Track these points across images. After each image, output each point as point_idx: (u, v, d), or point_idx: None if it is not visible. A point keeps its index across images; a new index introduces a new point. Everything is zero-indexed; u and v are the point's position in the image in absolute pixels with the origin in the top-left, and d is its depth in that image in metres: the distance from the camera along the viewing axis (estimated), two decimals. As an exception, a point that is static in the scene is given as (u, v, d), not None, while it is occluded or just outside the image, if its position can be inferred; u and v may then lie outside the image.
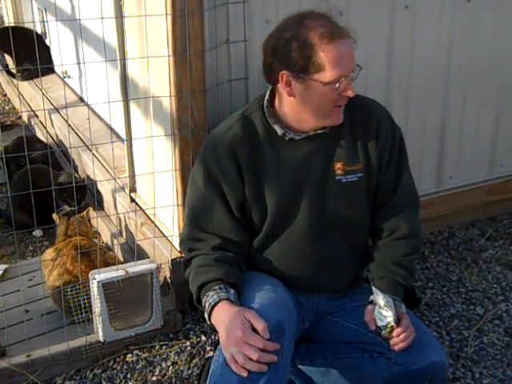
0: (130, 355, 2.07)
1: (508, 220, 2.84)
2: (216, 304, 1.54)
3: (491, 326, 2.21)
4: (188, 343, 2.11)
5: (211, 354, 1.99)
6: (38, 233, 2.77)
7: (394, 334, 1.61)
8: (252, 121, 1.68)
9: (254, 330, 1.46)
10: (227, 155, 1.65)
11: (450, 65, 2.49)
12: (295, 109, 1.62)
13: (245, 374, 1.44)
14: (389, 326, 1.61)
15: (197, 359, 2.04)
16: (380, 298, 1.63)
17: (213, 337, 2.12)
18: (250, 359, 1.44)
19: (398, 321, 1.61)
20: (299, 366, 1.84)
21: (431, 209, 2.58)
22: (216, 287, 1.56)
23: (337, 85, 1.55)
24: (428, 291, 2.38)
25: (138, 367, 2.03)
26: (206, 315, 1.58)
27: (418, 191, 1.82)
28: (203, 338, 2.13)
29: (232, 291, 1.57)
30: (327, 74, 1.53)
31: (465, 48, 2.49)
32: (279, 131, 1.66)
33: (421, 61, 2.41)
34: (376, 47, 2.29)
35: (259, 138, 1.66)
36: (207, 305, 1.56)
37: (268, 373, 1.45)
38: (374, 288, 1.67)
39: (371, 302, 1.67)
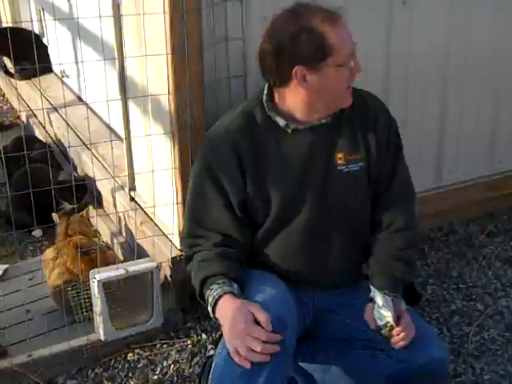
0: (131, 354, 2.08)
1: (507, 216, 2.84)
2: (220, 297, 1.54)
3: (492, 321, 2.21)
4: (189, 342, 2.11)
5: (212, 352, 1.99)
6: (37, 233, 2.77)
7: (394, 332, 1.61)
8: (253, 116, 1.67)
9: (257, 323, 1.46)
10: (229, 152, 1.64)
11: (448, 61, 2.49)
12: (307, 101, 1.61)
13: (248, 366, 1.45)
14: (388, 325, 1.61)
15: (198, 358, 2.04)
16: (378, 298, 1.63)
17: (214, 335, 2.12)
18: (253, 351, 1.44)
19: (397, 319, 1.61)
20: (300, 364, 1.84)
21: (431, 205, 2.57)
22: (220, 281, 1.56)
23: (351, 63, 1.57)
24: (428, 287, 2.39)
25: (139, 366, 2.03)
26: (209, 309, 1.57)
27: (417, 187, 1.82)
28: (204, 336, 2.13)
29: (235, 285, 1.57)
30: (340, 56, 1.55)
31: (463, 43, 2.48)
32: (281, 123, 1.65)
33: (419, 56, 2.41)
34: (374, 43, 2.28)
35: (261, 132, 1.66)
36: (211, 298, 1.56)
37: (270, 365, 1.45)
38: (372, 287, 1.67)
39: (371, 300, 1.67)
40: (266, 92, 1.67)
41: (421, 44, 2.39)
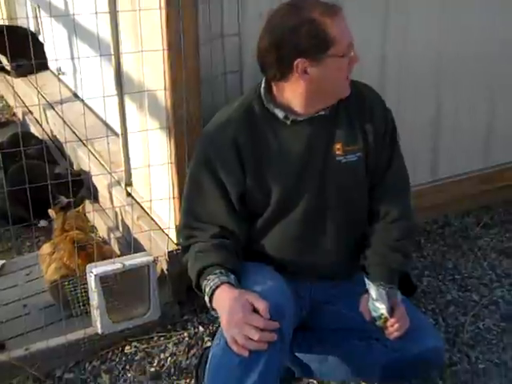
0: (128, 347, 2.08)
1: (503, 208, 2.86)
2: (217, 287, 1.54)
3: (487, 311, 2.22)
4: (186, 334, 2.12)
5: (209, 344, 2.00)
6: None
7: (388, 324, 1.64)
8: (251, 109, 1.68)
9: (255, 312, 1.47)
10: (227, 145, 1.65)
11: (441, 56, 2.50)
12: (308, 93, 1.62)
13: (246, 354, 1.46)
14: (382, 317, 1.63)
15: (195, 350, 2.05)
16: (372, 291, 1.65)
17: (211, 327, 2.13)
18: (251, 339, 1.45)
19: (392, 310, 1.63)
20: (297, 354, 1.85)
21: (426, 198, 2.59)
22: (217, 271, 1.57)
23: (352, 53, 1.59)
24: (424, 279, 2.40)
25: (136, 358, 2.04)
26: (206, 299, 1.58)
27: (413, 181, 1.84)
28: (201, 328, 2.14)
29: (232, 276, 1.58)
30: (340, 47, 1.56)
31: (458, 36, 2.49)
32: (280, 114, 1.66)
33: (415, 49, 2.42)
34: (369, 38, 2.28)
35: (260, 125, 1.67)
36: (208, 288, 1.56)
37: (268, 354, 1.47)
38: (366, 280, 1.69)
39: (367, 291, 1.68)
40: (263, 85, 1.68)
41: (415, 38, 2.40)
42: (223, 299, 1.53)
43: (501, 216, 2.81)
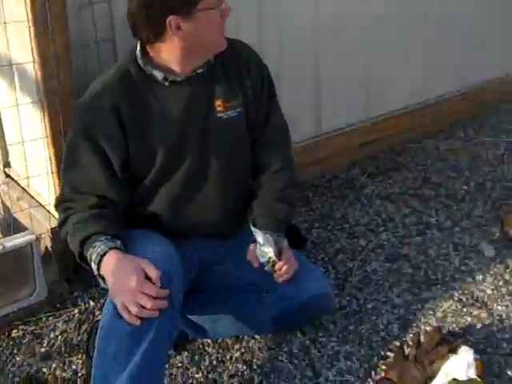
0: (15, 331, 1.99)
1: (386, 157, 2.96)
2: (105, 254, 1.51)
3: (373, 255, 2.31)
4: (76, 310, 2.06)
5: (100, 318, 1.96)
6: None
7: (277, 267, 1.67)
8: (128, 72, 1.64)
9: (147, 279, 1.46)
10: (106, 110, 1.60)
11: (318, 11, 2.54)
12: (183, 50, 1.60)
13: (138, 323, 1.44)
14: (270, 260, 1.66)
15: (86, 325, 2.00)
16: (259, 237, 1.68)
17: (101, 301, 2.07)
18: (143, 308, 1.43)
19: (279, 255, 1.67)
20: (189, 317, 1.85)
21: (311, 153, 2.64)
22: (102, 238, 1.53)
23: (223, 5, 1.59)
24: (314, 231, 2.45)
25: (24, 341, 1.95)
26: (93, 266, 1.53)
27: (297, 137, 1.87)
28: (92, 303, 2.09)
29: (118, 241, 1.55)
30: None
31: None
32: (159, 76, 1.63)
33: (292, 4, 2.44)
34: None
35: (139, 87, 1.63)
36: (95, 256, 1.52)
37: (158, 321, 1.46)
38: (252, 228, 1.71)
39: (254, 241, 1.71)
40: (138, 48, 1.65)
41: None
42: (113, 264, 1.49)
43: (385, 164, 2.91)
